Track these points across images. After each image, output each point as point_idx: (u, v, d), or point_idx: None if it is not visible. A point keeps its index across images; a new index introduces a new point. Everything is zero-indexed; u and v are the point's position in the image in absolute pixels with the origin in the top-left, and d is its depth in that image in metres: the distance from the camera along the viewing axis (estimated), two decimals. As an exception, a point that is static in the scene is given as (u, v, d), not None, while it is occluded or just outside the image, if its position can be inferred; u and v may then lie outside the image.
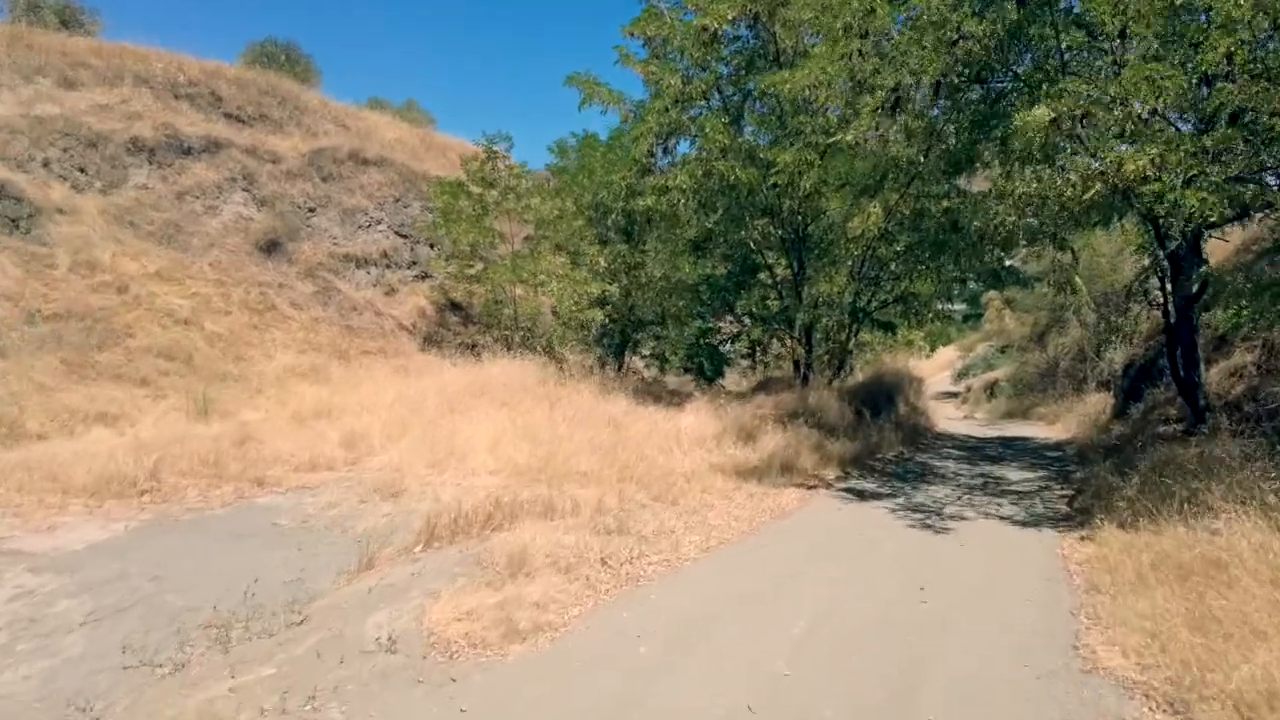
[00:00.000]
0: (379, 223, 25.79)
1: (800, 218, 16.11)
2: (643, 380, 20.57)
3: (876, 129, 11.79)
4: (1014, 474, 12.54)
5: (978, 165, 11.32)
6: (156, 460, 9.85)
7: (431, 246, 26.04)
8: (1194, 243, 9.98)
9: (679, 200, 14.25)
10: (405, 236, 25.90)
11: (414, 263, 25.78)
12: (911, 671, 4.77)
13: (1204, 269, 9.07)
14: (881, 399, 16.54)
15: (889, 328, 16.49)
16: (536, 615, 5.34)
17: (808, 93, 11.78)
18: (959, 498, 10.38)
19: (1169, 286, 10.83)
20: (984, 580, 6.66)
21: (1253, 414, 10.21)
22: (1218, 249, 13.42)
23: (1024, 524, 8.94)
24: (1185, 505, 7.38)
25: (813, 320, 16.10)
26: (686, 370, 22.19)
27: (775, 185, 14.69)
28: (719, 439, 11.68)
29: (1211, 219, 8.08)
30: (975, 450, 15.42)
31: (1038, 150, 8.40)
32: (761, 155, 15.02)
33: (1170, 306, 10.89)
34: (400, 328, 24.27)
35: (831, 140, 12.61)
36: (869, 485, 11.08)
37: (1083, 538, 8.01)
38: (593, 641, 5.12)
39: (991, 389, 27.36)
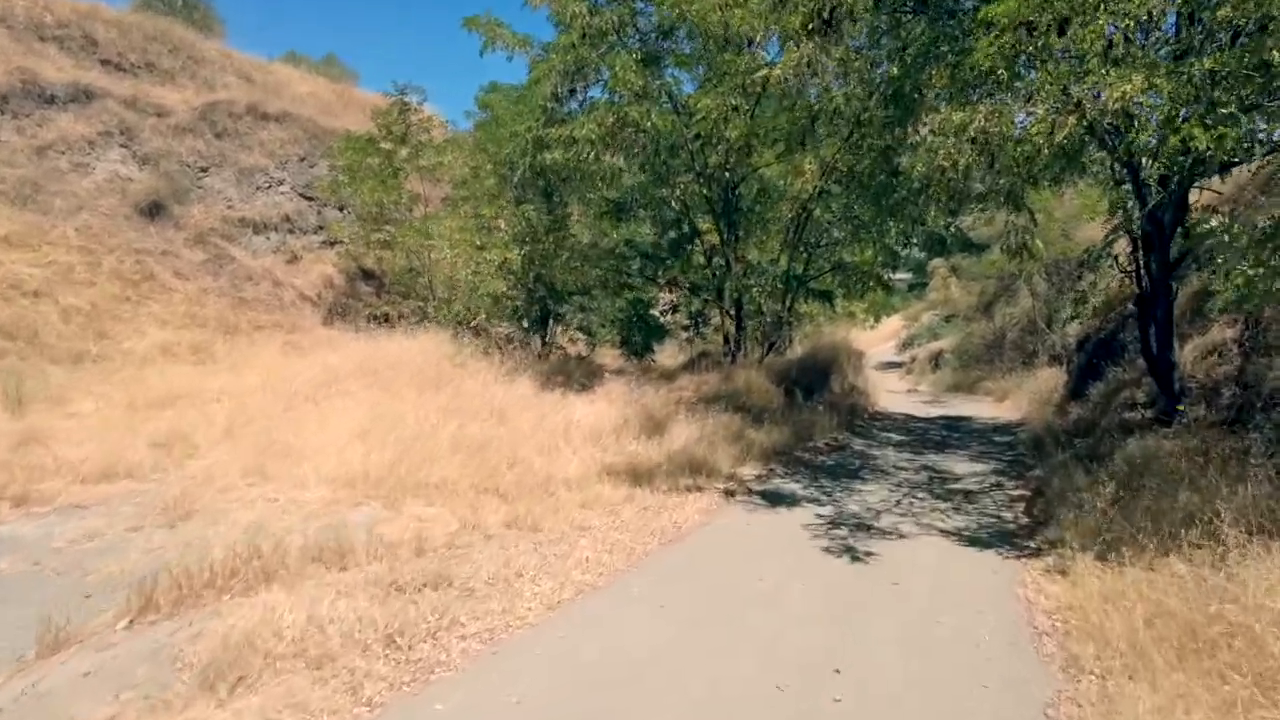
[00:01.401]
0: (281, 183, 23.10)
1: (728, 174, 13.99)
2: (565, 356, 18.41)
3: (809, 66, 9.70)
4: (961, 465, 10.71)
5: (923, 105, 9.26)
6: (-113, 473, 7.48)
7: (341, 209, 23.44)
8: (1180, 199, 8.09)
9: (588, 153, 11.99)
10: (311, 199, 23.25)
11: (321, 227, 23.15)
12: None
13: (1204, 224, 7.17)
14: (816, 376, 14.63)
15: (826, 298, 14.53)
16: (219, 768, 3.23)
17: (721, 14, 9.58)
18: (896, 502, 8.47)
19: (1142, 251, 8.98)
20: (924, 651, 4.71)
21: (1237, 402, 8.44)
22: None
23: (975, 542, 7.04)
24: (1182, 530, 5.53)
25: (742, 290, 14.06)
26: (623, 344, 20.07)
27: (699, 136, 12.53)
28: (620, 432, 9.62)
29: (1224, 159, 6.17)
30: (918, 435, 13.60)
31: (1001, 64, 6.36)
32: (684, 102, 12.85)
33: (1145, 274, 9.04)
34: (302, 299, 21.76)
35: (758, 75, 10.46)
36: (793, 486, 9.12)
37: (1050, 569, 6.12)
38: (291, 823, 3.03)
39: (936, 360, 25.74)
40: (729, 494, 8.49)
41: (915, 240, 14.11)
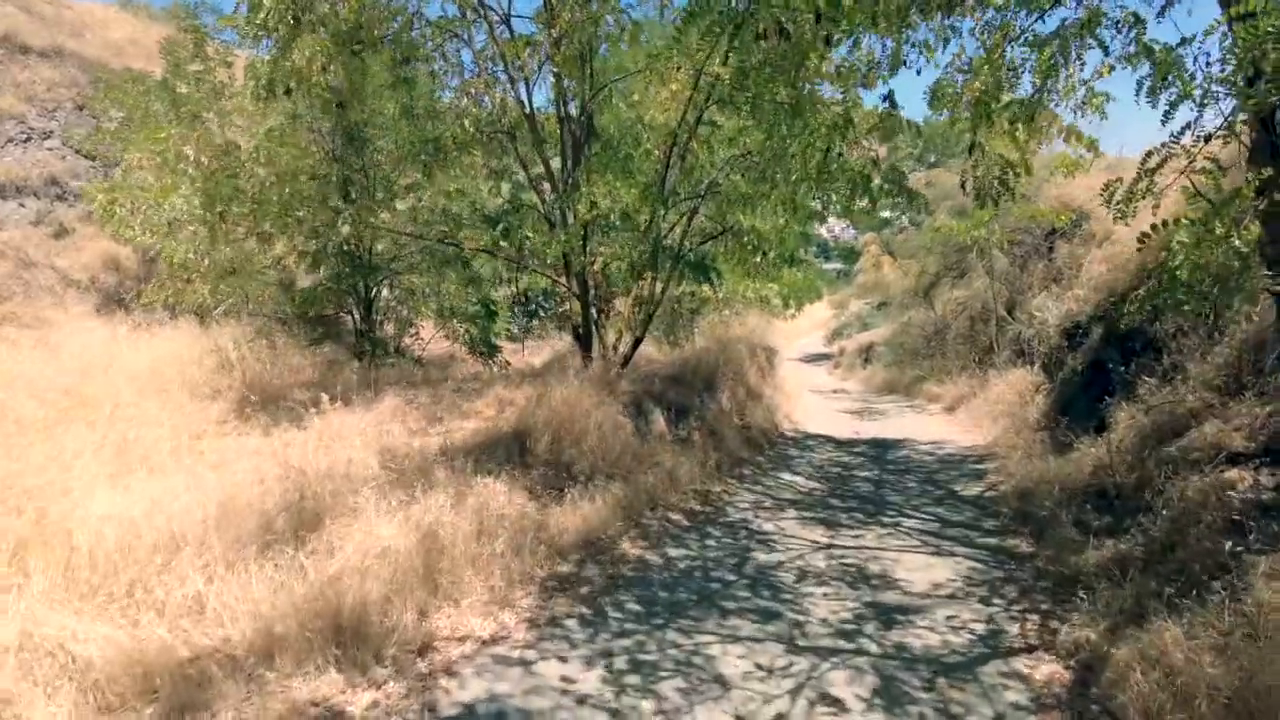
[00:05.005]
0: (48, 136, 17.00)
1: (561, 83, 8.65)
2: (379, 357, 12.94)
3: None
4: (912, 564, 5.57)
5: None
6: None
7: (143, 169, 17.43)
8: None
9: (276, 25, 6.50)
10: (93, 158, 17.24)
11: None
12: None
13: None
14: (697, 386, 9.42)
15: (703, 272, 9.21)
16: None
17: None
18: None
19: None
20: None
21: None
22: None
23: None
24: None
25: (580, 258, 8.76)
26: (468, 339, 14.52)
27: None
28: (205, 540, 4.20)
29: None
30: (839, 482, 8.40)
31: None
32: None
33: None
34: (67, 283, 15.85)
35: None
36: (554, 677, 3.82)
37: None
38: None
39: (867, 354, 20.90)
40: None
41: (832, 197, 8.85)
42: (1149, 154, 5.94)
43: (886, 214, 9.53)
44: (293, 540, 4.33)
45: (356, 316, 12.88)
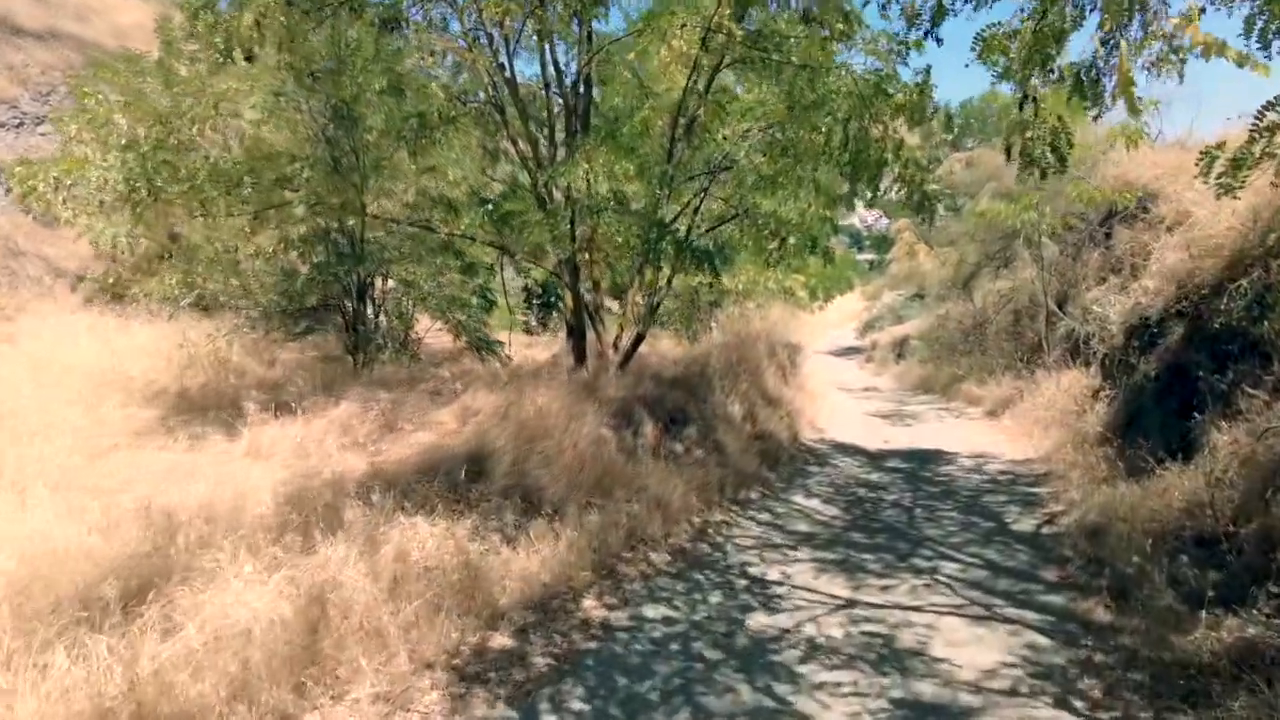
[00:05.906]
0: (41, 121, 16.23)
1: (540, 37, 7.42)
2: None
3: None
4: (954, 638, 4.26)
5: None
6: None
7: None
8: None
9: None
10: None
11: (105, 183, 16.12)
12: None
13: None
14: (698, 391, 8.13)
15: (707, 259, 7.85)
16: None
17: None
18: None
19: None
20: None
21: None
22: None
23: None
24: None
25: (566, 242, 7.55)
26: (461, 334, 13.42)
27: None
28: None
29: None
30: (865, 510, 6.99)
31: None
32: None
33: None
34: (57, 274, 15.15)
35: None
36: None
37: None
38: None
39: (900, 348, 19.37)
40: None
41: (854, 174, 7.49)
42: (1269, 106, 4.60)
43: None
44: (119, 614, 3.20)
45: (349, 310, 11.79)
